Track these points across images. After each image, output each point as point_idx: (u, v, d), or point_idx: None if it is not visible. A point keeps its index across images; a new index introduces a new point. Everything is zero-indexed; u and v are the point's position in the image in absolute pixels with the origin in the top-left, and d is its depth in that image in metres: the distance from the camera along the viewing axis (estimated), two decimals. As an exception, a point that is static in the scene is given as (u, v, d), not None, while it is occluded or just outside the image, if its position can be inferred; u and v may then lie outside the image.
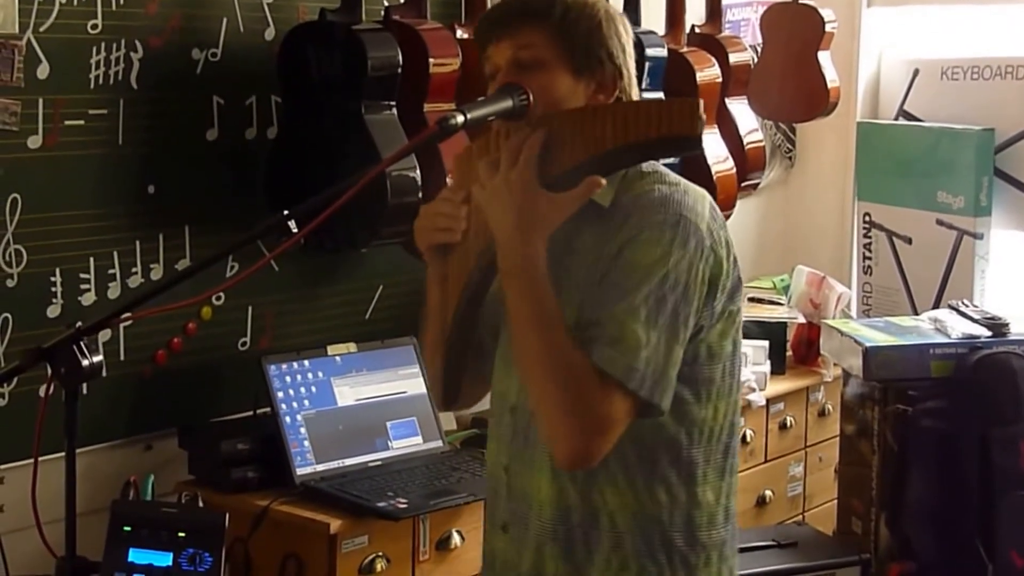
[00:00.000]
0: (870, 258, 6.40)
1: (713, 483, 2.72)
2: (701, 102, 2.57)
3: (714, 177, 5.10)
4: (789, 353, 5.81)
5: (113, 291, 4.05)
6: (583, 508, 2.68)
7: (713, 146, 5.23)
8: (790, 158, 6.74)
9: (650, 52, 4.84)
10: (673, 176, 2.68)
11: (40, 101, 3.84)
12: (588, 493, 2.67)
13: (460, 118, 2.53)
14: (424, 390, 4.47)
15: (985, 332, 4.86)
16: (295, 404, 4.22)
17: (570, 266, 2.64)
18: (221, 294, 4.27)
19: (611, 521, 2.67)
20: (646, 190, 2.63)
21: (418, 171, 4.13)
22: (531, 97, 2.62)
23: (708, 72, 5.28)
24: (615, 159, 2.60)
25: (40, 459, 2.64)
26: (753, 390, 5.32)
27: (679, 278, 2.53)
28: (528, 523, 2.74)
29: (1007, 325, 4.88)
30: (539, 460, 2.70)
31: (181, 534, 2.68)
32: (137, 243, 4.12)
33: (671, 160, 3.58)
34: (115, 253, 4.07)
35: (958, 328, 4.90)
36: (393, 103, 4.22)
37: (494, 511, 2.86)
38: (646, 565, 2.67)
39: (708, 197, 2.69)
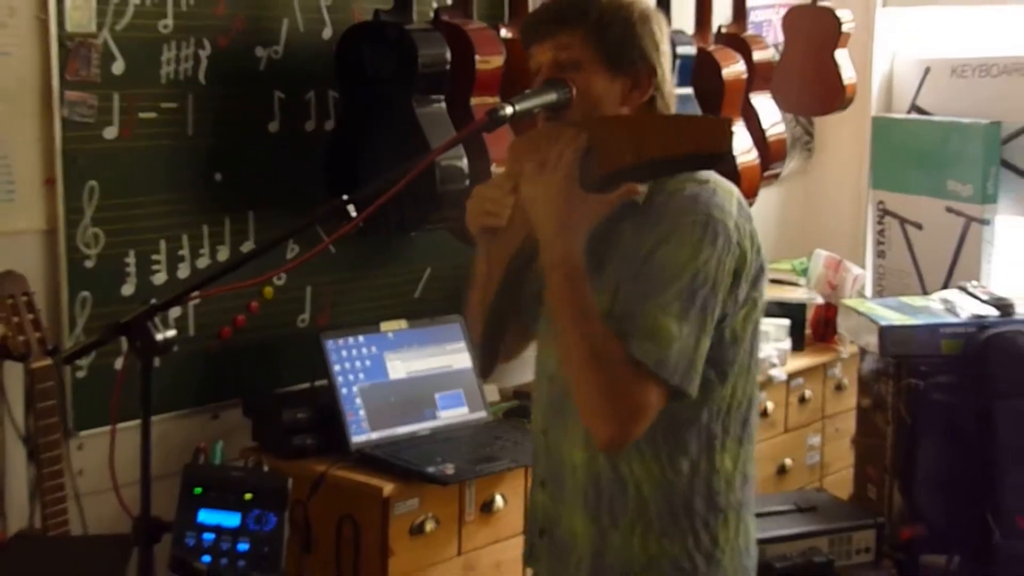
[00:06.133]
0: (883, 243, 6.38)
1: (731, 450, 2.73)
2: (732, 120, 2.56)
3: (739, 167, 5.07)
4: (808, 331, 5.79)
5: (183, 271, 4.06)
6: (612, 475, 2.69)
7: (738, 138, 5.21)
8: (809, 149, 6.72)
9: (680, 50, 4.82)
10: (704, 173, 2.67)
11: (115, 95, 3.85)
12: (616, 463, 2.68)
13: (509, 109, 2.52)
14: (469, 364, 4.47)
15: (993, 312, 4.83)
16: (351, 377, 4.22)
17: (606, 257, 2.63)
18: (283, 274, 4.28)
19: (637, 489, 2.68)
20: (678, 188, 2.62)
21: (465, 160, 4.12)
22: (573, 90, 2.62)
23: (733, 69, 5.26)
24: (654, 168, 2.59)
25: (116, 427, 2.64)
26: (774, 365, 5.31)
27: (708, 275, 2.54)
28: (564, 483, 2.76)
29: (1013, 306, 4.85)
30: (572, 428, 2.71)
31: (248, 496, 2.67)
32: (205, 227, 4.12)
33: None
34: (184, 236, 4.07)
35: (967, 308, 4.87)
36: (442, 97, 4.22)
37: (536, 468, 2.89)
38: (667, 528, 2.68)
39: (736, 191, 2.68)
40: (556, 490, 2.79)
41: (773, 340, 5.37)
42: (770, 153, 5.41)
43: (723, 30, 5.50)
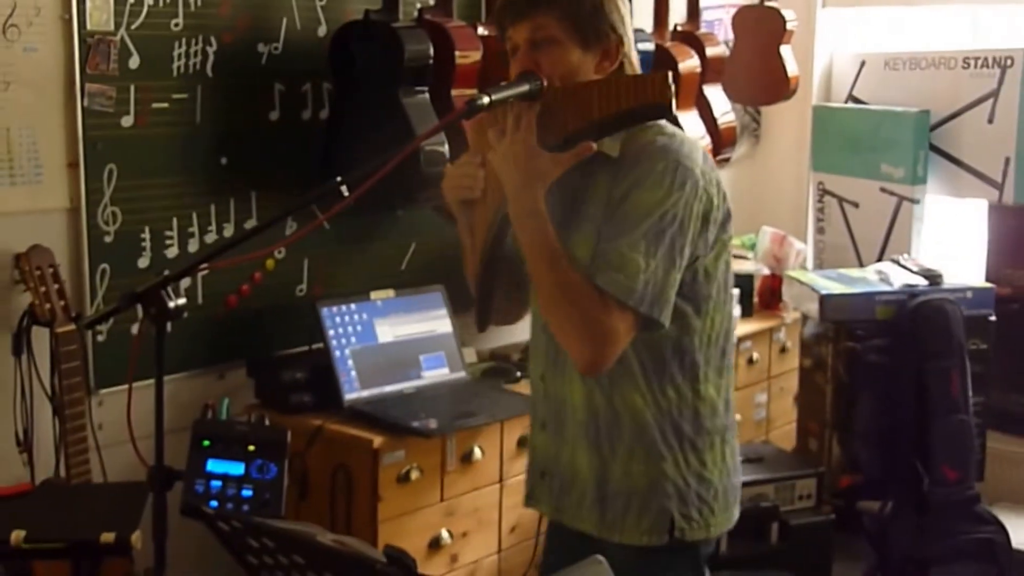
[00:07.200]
0: (823, 220, 6.39)
1: (713, 381, 2.76)
2: (670, 73, 2.60)
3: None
4: (756, 300, 5.80)
5: (192, 246, 4.07)
6: (608, 409, 2.72)
7: (693, 125, 5.22)
8: (756, 136, 6.73)
9: (639, 46, 4.78)
10: (671, 128, 2.70)
11: (132, 87, 3.85)
12: (611, 396, 2.72)
13: (486, 99, 2.54)
14: (450, 329, 4.49)
15: (922, 282, 4.86)
16: (343, 340, 4.23)
17: (586, 209, 2.67)
18: (282, 249, 4.29)
19: (632, 418, 2.71)
20: (648, 140, 2.65)
21: (446, 145, 4.13)
22: (544, 81, 2.64)
23: (688, 63, 5.26)
24: (604, 126, 2.62)
25: (133, 385, 2.65)
26: (726, 330, 5.31)
27: (676, 214, 2.57)
28: (565, 423, 2.80)
29: (940, 276, 4.89)
30: (569, 370, 2.75)
31: (251, 448, 2.67)
32: (212, 206, 4.13)
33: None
34: (194, 214, 4.08)
35: (899, 278, 4.90)
36: (426, 88, 4.22)
37: (535, 412, 2.91)
38: (663, 452, 2.72)
39: (701, 145, 2.74)
40: (557, 430, 2.82)
41: (724, 308, 5.38)
42: (721, 139, 5.42)
43: (679, 28, 5.50)
